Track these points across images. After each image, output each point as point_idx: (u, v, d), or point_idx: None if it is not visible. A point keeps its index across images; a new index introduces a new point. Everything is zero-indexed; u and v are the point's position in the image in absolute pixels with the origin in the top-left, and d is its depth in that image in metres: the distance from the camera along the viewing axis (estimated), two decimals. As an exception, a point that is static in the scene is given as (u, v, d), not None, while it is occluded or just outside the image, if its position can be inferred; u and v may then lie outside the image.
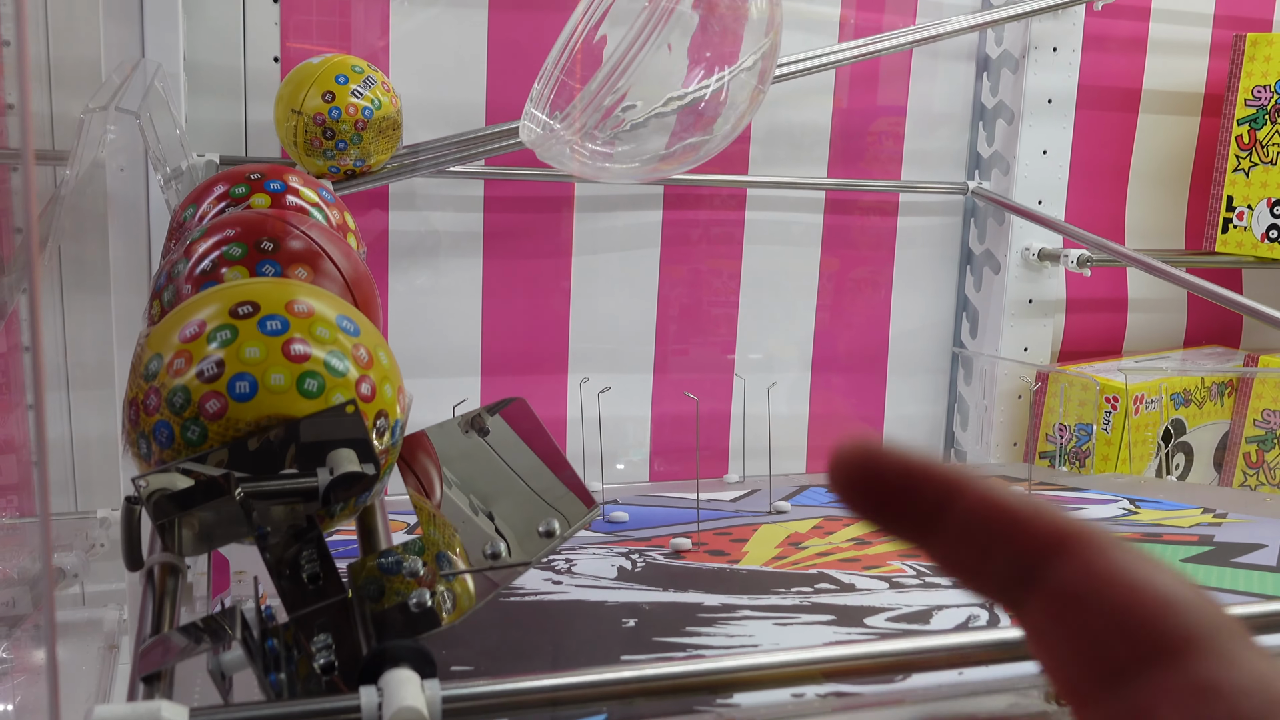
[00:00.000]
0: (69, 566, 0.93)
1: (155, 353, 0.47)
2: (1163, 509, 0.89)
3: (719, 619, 0.58)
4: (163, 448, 0.45)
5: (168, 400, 0.45)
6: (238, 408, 0.45)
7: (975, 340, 1.32)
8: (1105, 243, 1.15)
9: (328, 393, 0.46)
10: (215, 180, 0.66)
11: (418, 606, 0.45)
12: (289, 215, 0.59)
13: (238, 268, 0.54)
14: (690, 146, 0.58)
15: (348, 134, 0.95)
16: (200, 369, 0.45)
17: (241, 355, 0.45)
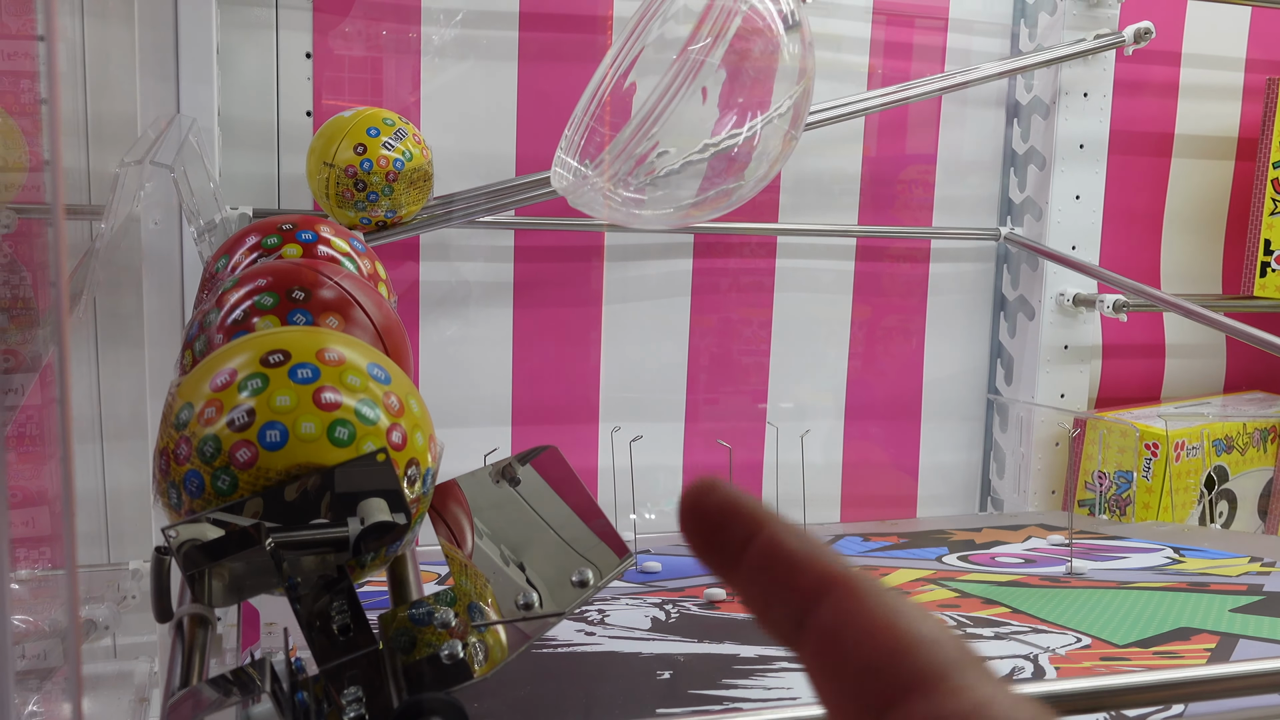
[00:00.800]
0: (100, 619, 0.93)
1: (186, 402, 0.46)
2: (1208, 557, 0.87)
3: (756, 671, 0.57)
4: (193, 497, 0.45)
5: (198, 449, 0.45)
6: (268, 456, 0.44)
7: (1010, 387, 1.30)
8: (1142, 287, 1.14)
9: (358, 441, 0.46)
10: (248, 231, 0.66)
11: (449, 658, 0.44)
12: (320, 265, 0.59)
13: (269, 317, 0.54)
14: (723, 192, 0.58)
15: (379, 185, 0.95)
16: (231, 418, 0.45)
17: (272, 404, 0.45)
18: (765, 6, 0.60)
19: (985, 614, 0.70)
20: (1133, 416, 1.22)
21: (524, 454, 0.59)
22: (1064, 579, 0.80)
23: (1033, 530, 1.02)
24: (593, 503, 0.50)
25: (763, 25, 0.60)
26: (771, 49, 0.61)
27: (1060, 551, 0.92)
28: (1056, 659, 0.60)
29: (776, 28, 0.61)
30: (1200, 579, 0.79)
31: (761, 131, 0.59)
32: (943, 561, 0.88)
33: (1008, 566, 0.86)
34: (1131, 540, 0.96)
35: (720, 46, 0.55)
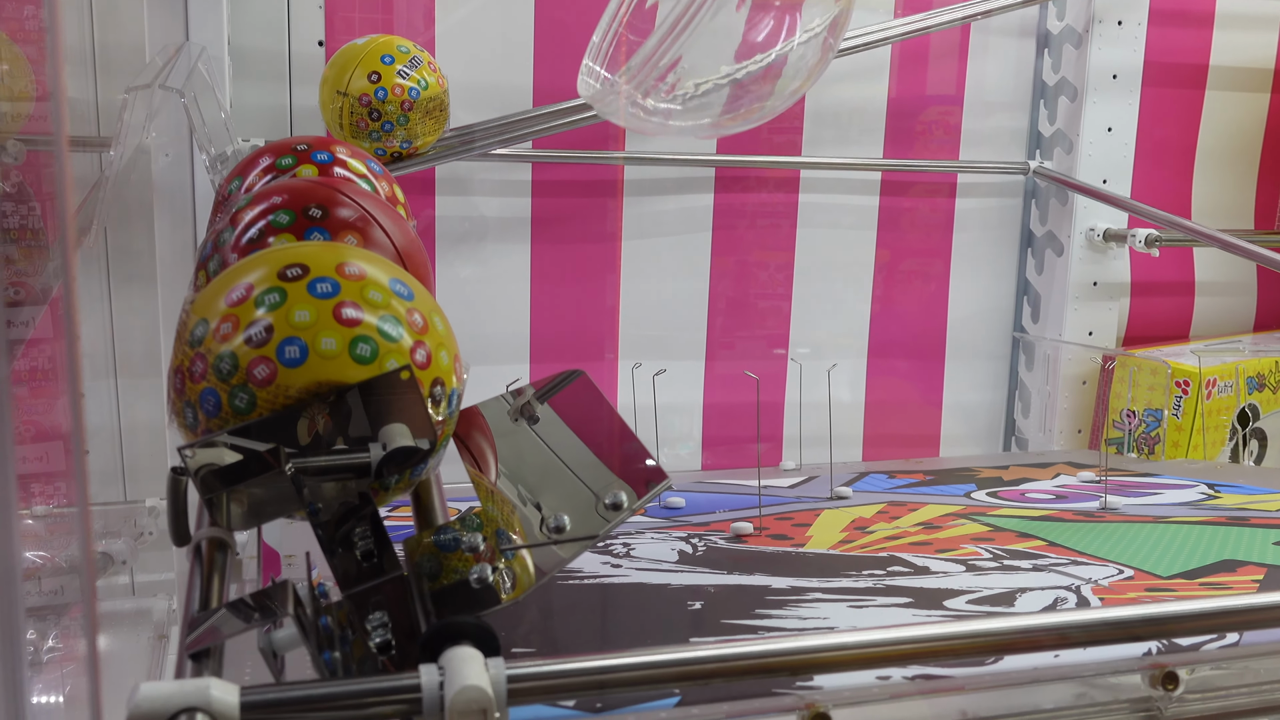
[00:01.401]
0: (117, 553, 0.92)
1: (201, 318, 0.44)
2: (1244, 493, 0.85)
3: (789, 601, 0.55)
4: (209, 416, 0.43)
5: (214, 367, 0.43)
6: (287, 373, 0.43)
7: (1037, 325, 1.28)
8: (1177, 219, 1.11)
9: (381, 358, 0.44)
10: (261, 152, 0.64)
11: (479, 583, 0.42)
12: (338, 183, 0.57)
13: (285, 235, 0.52)
14: (755, 104, 0.55)
15: (394, 115, 0.93)
16: (248, 334, 0.43)
17: (291, 319, 0.43)
18: None
19: (1021, 547, 0.68)
20: (1163, 354, 1.20)
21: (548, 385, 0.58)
22: (1098, 514, 0.78)
23: (1061, 468, 1.00)
24: (626, 427, 0.48)
25: None
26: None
27: (1091, 488, 0.90)
28: (1100, 589, 0.58)
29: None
30: (1239, 514, 0.77)
31: (797, 46, 0.56)
32: (971, 498, 0.86)
33: (1039, 502, 0.84)
34: (1164, 477, 0.94)
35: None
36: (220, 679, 0.35)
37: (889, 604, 0.56)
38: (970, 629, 0.40)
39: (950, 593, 0.58)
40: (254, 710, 0.35)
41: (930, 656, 0.41)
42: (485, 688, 0.35)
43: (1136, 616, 0.42)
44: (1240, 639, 0.47)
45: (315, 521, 0.45)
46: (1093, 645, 0.41)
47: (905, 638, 0.40)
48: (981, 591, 0.58)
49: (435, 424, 0.47)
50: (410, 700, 0.36)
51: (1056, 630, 0.41)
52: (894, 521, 0.77)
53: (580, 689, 0.38)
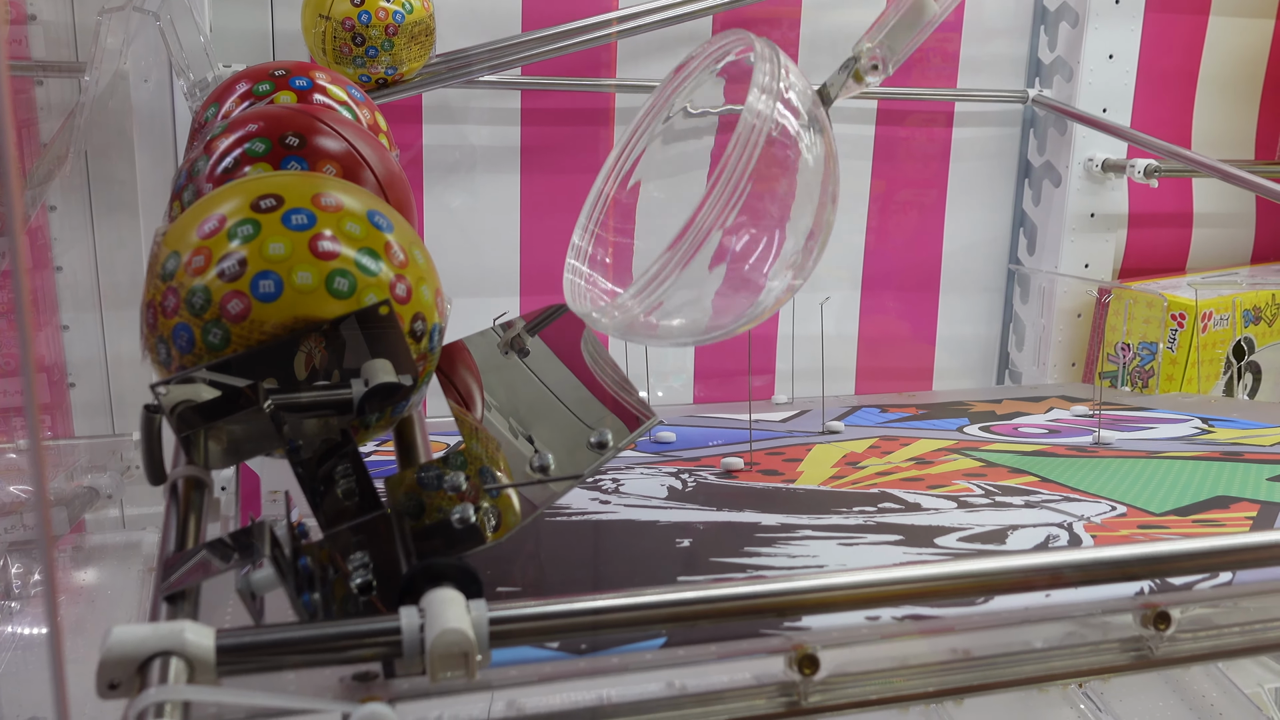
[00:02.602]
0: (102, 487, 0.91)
1: (172, 251, 0.43)
2: (1239, 428, 0.85)
3: (779, 539, 0.55)
4: (183, 353, 0.42)
5: (187, 301, 0.42)
6: (262, 309, 0.41)
7: (1033, 257, 1.26)
8: (1177, 149, 1.09)
9: (359, 293, 0.43)
10: (238, 78, 0.62)
11: (460, 523, 0.42)
12: (317, 110, 0.55)
13: (261, 165, 0.50)
14: (738, 315, 0.54)
15: (378, 40, 0.90)
16: (221, 268, 0.42)
17: (265, 252, 0.42)
18: (793, 134, 0.55)
19: (1013, 483, 0.68)
20: (1159, 287, 1.18)
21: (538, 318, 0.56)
22: (1091, 449, 0.78)
23: (1054, 402, 0.99)
24: (614, 363, 0.47)
25: (787, 159, 0.55)
26: (789, 191, 0.56)
27: (1085, 422, 0.89)
28: (1092, 527, 0.58)
29: (805, 172, 0.55)
30: (1233, 448, 0.76)
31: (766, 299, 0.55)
32: (964, 432, 0.85)
33: (1032, 437, 0.83)
34: (1157, 411, 0.93)
35: (732, 212, 0.51)
36: (196, 622, 0.35)
37: (879, 541, 0.55)
38: (961, 569, 0.39)
39: (941, 530, 0.57)
40: (230, 654, 0.34)
41: (920, 597, 0.40)
42: (466, 630, 0.34)
43: (1130, 556, 0.41)
44: (1233, 578, 0.46)
45: (295, 460, 0.44)
46: (1086, 585, 0.41)
47: (894, 578, 0.39)
48: (973, 529, 0.58)
49: (416, 359, 0.46)
50: (390, 644, 0.35)
51: (1049, 570, 0.40)
52: (885, 457, 0.76)
53: (564, 631, 0.37)
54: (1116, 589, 0.43)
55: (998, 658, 0.42)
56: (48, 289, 1.03)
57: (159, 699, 0.32)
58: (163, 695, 0.32)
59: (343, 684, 0.37)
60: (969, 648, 0.42)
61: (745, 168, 0.50)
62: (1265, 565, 0.44)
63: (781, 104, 0.52)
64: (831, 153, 0.56)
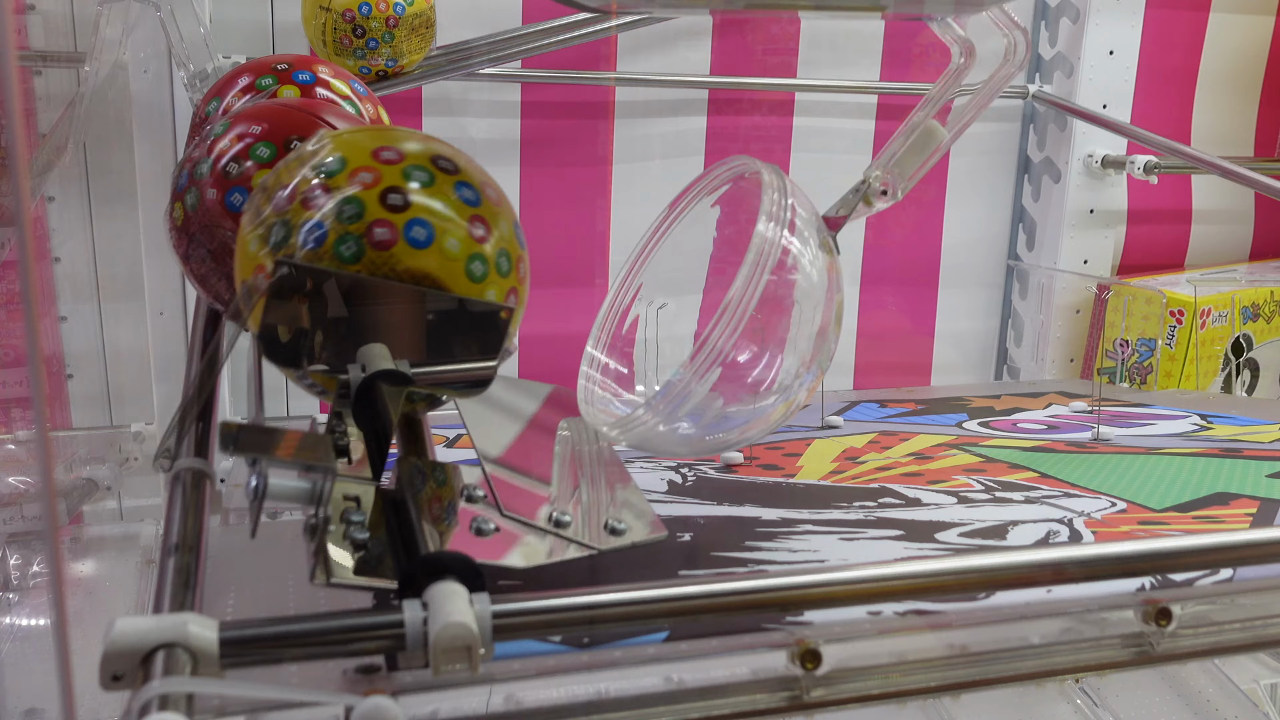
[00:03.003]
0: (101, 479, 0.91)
1: (341, 154, 0.43)
2: (1237, 424, 0.85)
3: (779, 533, 0.55)
4: (303, 246, 0.41)
5: (339, 206, 0.41)
6: (406, 251, 0.41)
7: (1032, 253, 1.26)
8: (1177, 146, 1.09)
9: (484, 285, 0.43)
10: (240, 71, 0.62)
11: (478, 532, 0.42)
12: (320, 107, 0.55)
13: (265, 170, 0.50)
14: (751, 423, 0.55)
15: (379, 32, 0.90)
16: (388, 194, 0.41)
17: (433, 204, 0.42)
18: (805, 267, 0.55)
19: (1013, 478, 0.68)
20: (1158, 283, 1.19)
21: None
22: (1090, 445, 0.78)
23: (1053, 398, 0.99)
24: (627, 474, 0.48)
25: (793, 282, 0.55)
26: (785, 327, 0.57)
27: (1084, 418, 0.90)
28: (1092, 523, 0.58)
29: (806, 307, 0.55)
30: (1232, 445, 0.76)
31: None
32: (963, 428, 0.85)
33: (1031, 433, 0.83)
34: (1156, 407, 0.93)
35: (736, 332, 0.51)
36: (199, 614, 0.35)
37: (880, 536, 0.55)
38: (964, 565, 0.39)
39: (942, 525, 0.57)
40: (233, 646, 0.34)
41: (923, 592, 0.40)
42: (470, 624, 0.34)
43: (1132, 552, 0.41)
44: (1234, 575, 0.46)
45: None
46: (1088, 581, 0.41)
47: (897, 574, 0.39)
48: (973, 524, 0.58)
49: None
50: (393, 637, 0.35)
51: (1052, 566, 0.40)
52: (885, 452, 0.76)
53: (567, 625, 0.37)
54: (1118, 585, 0.44)
55: (1000, 653, 0.42)
56: (46, 280, 1.03)
57: (163, 691, 0.32)
58: (167, 687, 0.32)
59: (345, 677, 0.37)
60: (971, 643, 0.42)
61: (754, 291, 0.51)
62: (1266, 562, 0.44)
63: (789, 230, 0.53)
64: (836, 274, 0.56)
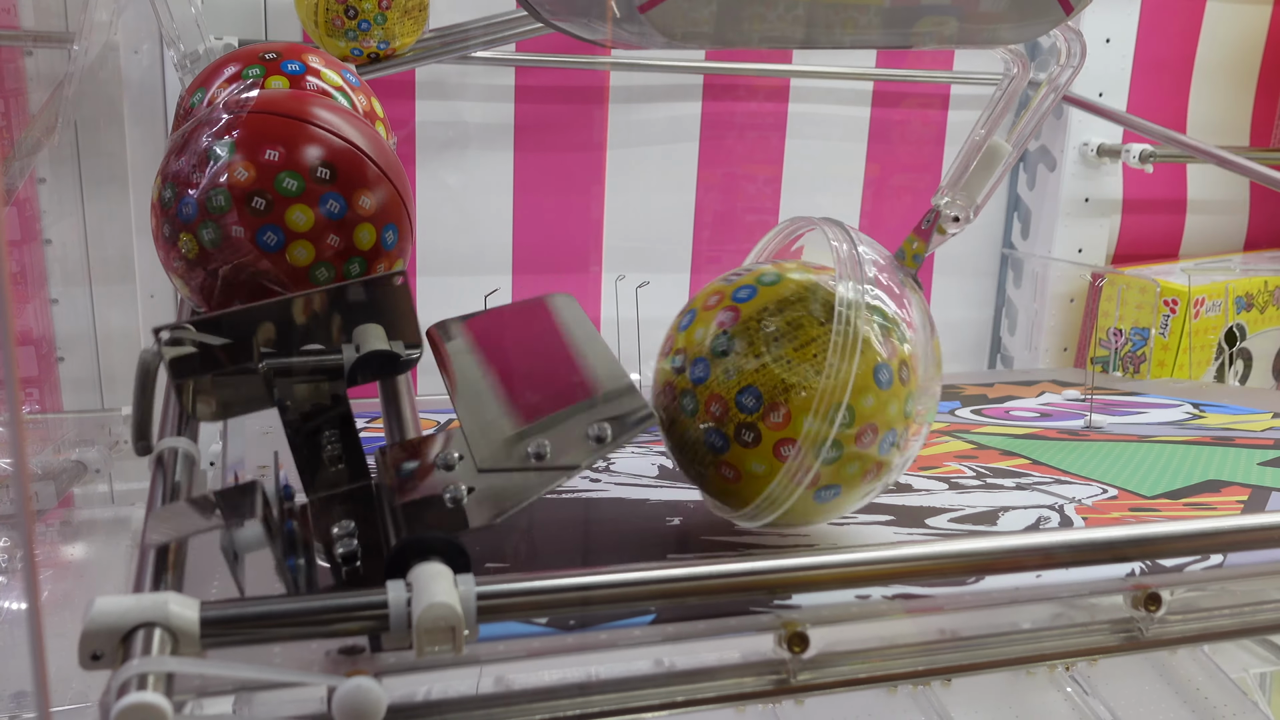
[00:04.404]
0: (90, 461, 0.91)
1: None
2: (1229, 413, 0.85)
3: (770, 519, 0.54)
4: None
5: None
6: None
7: (1026, 241, 1.26)
8: (1172, 135, 1.08)
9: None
10: (226, 61, 0.60)
11: (453, 501, 0.41)
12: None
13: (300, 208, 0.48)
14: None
15: (371, 13, 0.89)
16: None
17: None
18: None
19: (1004, 465, 0.68)
20: (1152, 272, 1.18)
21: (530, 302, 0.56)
22: (1083, 432, 0.78)
23: (1046, 386, 0.99)
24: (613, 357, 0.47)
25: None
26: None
27: (1076, 406, 0.89)
28: (1083, 509, 0.57)
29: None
30: (1224, 434, 0.76)
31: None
32: (956, 415, 0.85)
33: (1023, 420, 0.83)
34: (1149, 396, 0.93)
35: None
36: (180, 593, 0.34)
37: (870, 521, 0.55)
38: (952, 549, 0.39)
39: (932, 510, 0.57)
40: (214, 626, 0.34)
41: (910, 577, 0.40)
42: (454, 605, 0.34)
43: (1121, 537, 0.41)
44: (1224, 561, 0.46)
45: (285, 419, 0.43)
46: (1077, 566, 0.41)
47: (885, 557, 0.39)
48: (964, 510, 0.57)
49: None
50: (377, 617, 0.35)
51: (1041, 550, 0.40)
52: (877, 438, 0.76)
53: (553, 607, 0.37)
54: (1107, 570, 0.43)
55: (987, 638, 0.42)
56: (37, 262, 1.02)
57: (142, 670, 0.31)
58: (146, 666, 0.32)
59: (328, 658, 0.37)
60: (958, 628, 0.42)
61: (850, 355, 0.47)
62: (1256, 548, 0.43)
63: (869, 284, 0.49)
64: (926, 314, 0.54)
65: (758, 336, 0.47)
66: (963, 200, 0.57)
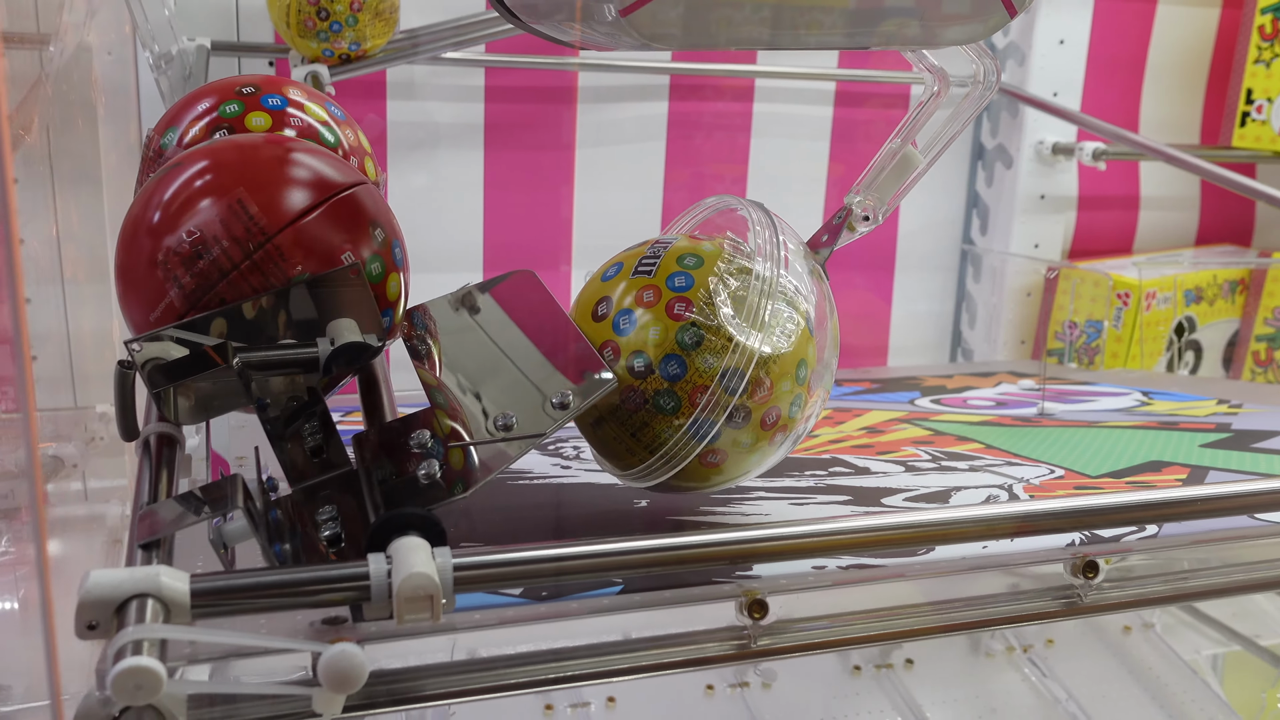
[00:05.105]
0: (67, 456, 0.92)
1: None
2: (1177, 400, 0.88)
3: (733, 499, 0.57)
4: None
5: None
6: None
7: (985, 237, 1.29)
8: (1125, 133, 1.12)
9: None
10: (197, 96, 0.55)
11: (427, 478, 0.43)
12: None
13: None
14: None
15: (343, 15, 0.91)
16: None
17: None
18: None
19: (959, 449, 0.70)
20: (1106, 267, 1.22)
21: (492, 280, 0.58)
22: (1035, 419, 0.81)
23: (1003, 377, 1.02)
24: (573, 327, 0.49)
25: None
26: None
27: (1031, 395, 0.92)
28: (1031, 488, 0.60)
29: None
30: (1170, 418, 0.79)
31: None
32: (915, 404, 0.88)
33: (979, 408, 0.86)
34: (1101, 385, 0.96)
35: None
36: (171, 567, 0.36)
37: (829, 501, 0.57)
38: (903, 520, 0.42)
39: (888, 491, 0.60)
40: (204, 597, 0.36)
41: (863, 547, 0.42)
42: (432, 574, 0.36)
43: (1060, 509, 0.44)
44: (1160, 531, 0.49)
45: (264, 416, 0.45)
46: (1020, 536, 0.43)
47: (840, 529, 0.41)
48: (918, 490, 0.60)
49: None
50: (359, 588, 0.37)
51: (986, 522, 0.43)
52: (838, 426, 0.79)
53: (525, 578, 0.39)
54: (1049, 540, 0.46)
55: (937, 604, 0.45)
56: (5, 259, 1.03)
57: (137, 637, 0.33)
58: (141, 633, 0.34)
59: (311, 628, 0.39)
60: (909, 596, 0.45)
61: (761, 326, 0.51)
62: (1186, 519, 0.46)
63: (784, 268, 0.54)
64: (829, 301, 0.58)
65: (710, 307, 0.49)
66: (873, 201, 0.61)
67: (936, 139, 0.64)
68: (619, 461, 0.51)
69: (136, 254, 0.45)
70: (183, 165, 0.46)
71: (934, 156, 0.64)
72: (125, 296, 0.46)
